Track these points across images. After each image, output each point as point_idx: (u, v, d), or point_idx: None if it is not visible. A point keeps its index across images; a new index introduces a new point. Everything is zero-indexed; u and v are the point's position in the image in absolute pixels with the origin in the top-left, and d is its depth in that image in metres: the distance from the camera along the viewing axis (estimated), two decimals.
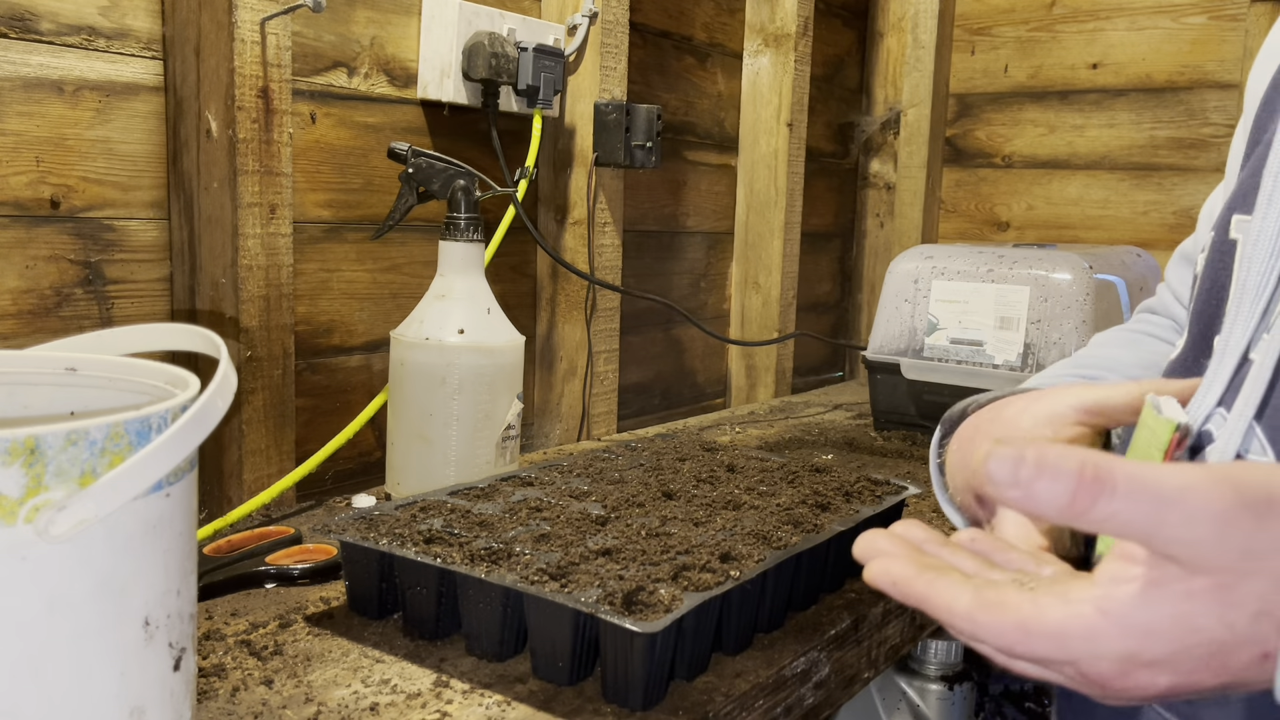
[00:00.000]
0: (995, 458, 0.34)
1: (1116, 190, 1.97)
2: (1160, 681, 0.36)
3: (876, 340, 1.53)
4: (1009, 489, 0.34)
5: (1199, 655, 0.35)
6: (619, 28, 1.44)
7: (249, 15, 0.99)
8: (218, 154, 1.00)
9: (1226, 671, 0.36)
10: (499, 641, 0.72)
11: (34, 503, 0.44)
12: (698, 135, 1.75)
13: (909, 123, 2.08)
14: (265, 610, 0.81)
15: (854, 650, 0.86)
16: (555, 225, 1.44)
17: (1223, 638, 0.35)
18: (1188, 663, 0.36)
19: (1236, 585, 0.34)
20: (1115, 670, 0.36)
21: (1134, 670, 0.36)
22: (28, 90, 0.92)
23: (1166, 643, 0.36)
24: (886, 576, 0.42)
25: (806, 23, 1.82)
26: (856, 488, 0.96)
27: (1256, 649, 0.35)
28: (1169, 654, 0.36)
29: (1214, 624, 0.35)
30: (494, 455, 1.08)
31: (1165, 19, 1.89)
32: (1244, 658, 0.35)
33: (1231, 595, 0.35)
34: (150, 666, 0.50)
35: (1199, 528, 0.34)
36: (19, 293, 0.93)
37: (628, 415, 1.64)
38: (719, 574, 0.72)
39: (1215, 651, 0.35)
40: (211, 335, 0.58)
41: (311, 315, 1.15)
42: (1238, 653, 0.35)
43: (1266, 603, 0.34)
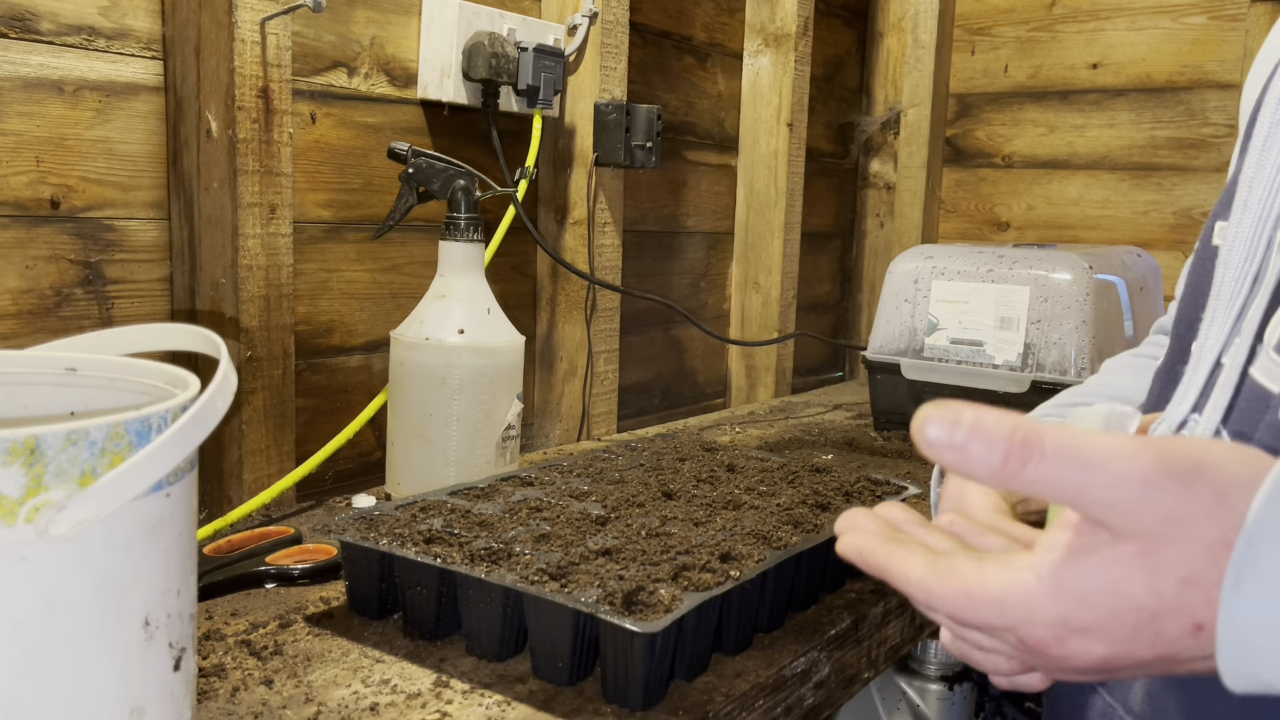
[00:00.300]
0: (932, 421, 0.35)
1: (1116, 190, 1.97)
2: (1096, 650, 0.37)
3: (876, 340, 1.53)
4: (945, 450, 0.35)
5: (1130, 623, 0.36)
6: (619, 28, 1.44)
7: (249, 15, 0.99)
8: (218, 154, 1.00)
9: (1161, 642, 0.36)
10: (499, 641, 0.72)
11: (34, 503, 0.44)
12: (698, 135, 1.75)
13: (909, 123, 2.08)
14: (265, 610, 0.81)
15: (854, 650, 0.86)
16: (555, 225, 1.44)
17: (1151, 605, 0.35)
18: (1119, 630, 0.36)
19: (1161, 550, 0.35)
20: (1050, 636, 0.37)
21: (1068, 636, 0.37)
22: (28, 90, 0.92)
23: (1096, 608, 0.36)
24: (854, 548, 0.43)
25: (806, 23, 1.82)
26: (856, 488, 0.96)
27: (1187, 619, 0.35)
28: (1100, 620, 0.36)
29: (1141, 590, 0.35)
30: (494, 455, 1.08)
31: (1165, 19, 1.89)
32: (1175, 628, 0.35)
33: (1157, 560, 0.35)
34: (150, 666, 0.50)
35: (1122, 489, 0.35)
36: (19, 293, 0.93)
37: (628, 415, 1.64)
38: (719, 574, 0.72)
39: (1146, 620, 0.36)
40: (211, 335, 0.58)
41: (311, 315, 1.15)
42: (1168, 622, 0.35)
43: (1192, 569, 0.35)
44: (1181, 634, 0.36)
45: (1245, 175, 0.50)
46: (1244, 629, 0.34)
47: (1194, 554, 0.35)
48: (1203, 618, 0.35)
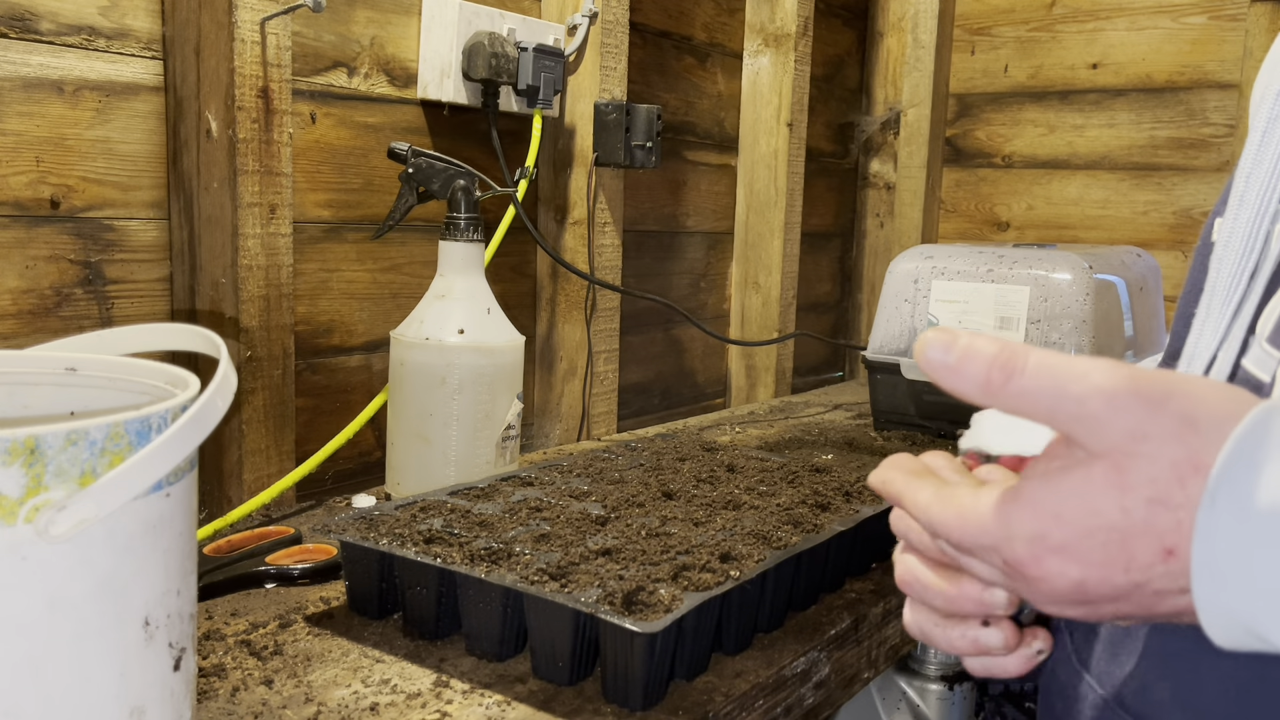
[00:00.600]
0: (931, 344, 0.39)
1: (1116, 190, 1.97)
2: (1070, 572, 0.37)
3: (876, 340, 1.53)
4: (940, 369, 0.39)
5: (1100, 542, 0.36)
6: (619, 28, 1.44)
7: (249, 15, 0.99)
8: (218, 154, 1.00)
9: (1135, 567, 0.36)
10: (499, 641, 0.72)
11: (34, 503, 0.44)
12: (698, 135, 1.75)
13: (909, 123, 2.08)
14: (265, 610, 0.81)
15: (854, 650, 0.86)
16: (555, 225, 1.44)
17: (1120, 524, 0.36)
18: (1092, 551, 0.37)
19: (1129, 467, 0.36)
20: (1028, 554, 0.38)
21: (1044, 555, 0.38)
22: (28, 90, 0.92)
23: (1069, 525, 0.37)
24: (879, 479, 0.47)
25: (806, 23, 1.82)
26: (856, 488, 0.96)
27: (1157, 542, 0.36)
28: (1072, 538, 0.37)
29: (1110, 507, 0.36)
30: (494, 455, 1.08)
31: (1165, 19, 1.89)
32: (1146, 552, 0.36)
33: (1125, 478, 0.36)
34: (150, 666, 0.50)
35: (1091, 404, 0.36)
36: (19, 293, 0.93)
37: (628, 415, 1.64)
38: (719, 574, 0.72)
39: (1116, 540, 0.36)
40: (211, 335, 0.58)
41: (311, 315, 1.15)
42: (1139, 544, 0.36)
43: (1159, 489, 0.35)
44: (1153, 559, 0.36)
45: (1242, 170, 0.49)
46: (1217, 552, 0.34)
47: (1160, 473, 0.35)
48: (1173, 542, 0.36)
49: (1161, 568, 0.36)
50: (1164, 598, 0.37)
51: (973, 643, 0.46)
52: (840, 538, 0.86)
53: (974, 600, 0.44)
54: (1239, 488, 0.34)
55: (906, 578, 0.47)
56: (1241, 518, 0.34)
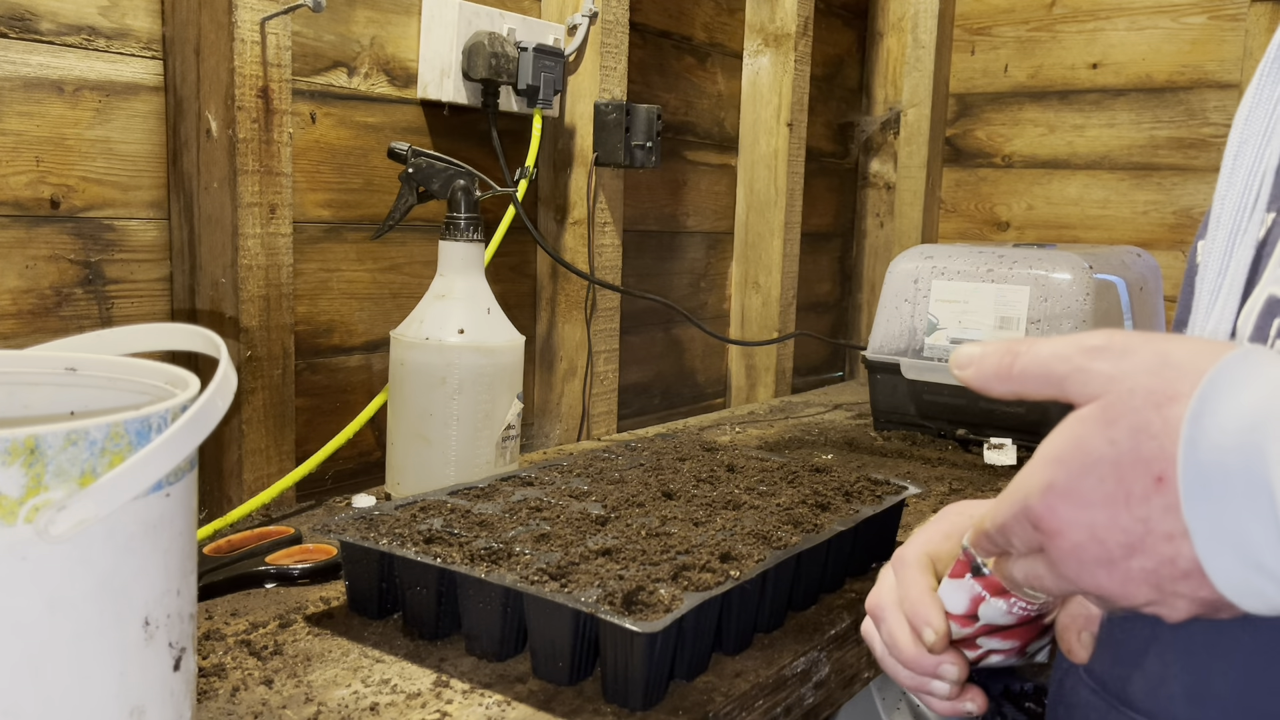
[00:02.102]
0: (960, 351, 0.45)
1: (1116, 190, 1.97)
2: (1081, 517, 0.40)
3: (876, 340, 1.53)
4: (966, 368, 0.45)
5: (1098, 478, 0.39)
6: (619, 28, 1.44)
7: (249, 15, 0.99)
8: (218, 154, 1.00)
9: (1133, 500, 0.38)
10: (499, 641, 0.72)
11: (34, 503, 0.44)
12: (698, 135, 1.75)
13: (909, 123, 2.08)
14: (265, 610, 0.81)
15: (854, 650, 0.86)
16: (555, 225, 1.44)
17: (1111, 454, 0.39)
18: (1092, 489, 0.40)
19: (1111, 403, 0.39)
20: (1044, 505, 0.41)
21: (1056, 503, 0.41)
22: (28, 90, 0.92)
23: (1069, 465, 0.40)
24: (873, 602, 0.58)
25: (806, 23, 1.82)
26: (856, 488, 0.96)
27: (1145, 469, 0.38)
28: (1075, 479, 0.40)
29: (1100, 441, 0.39)
30: (494, 455, 1.08)
31: (1165, 19, 1.89)
32: (1138, 480, 0.38)
33: (1109, 413, 0.39)
34: (150, 666, 0.50)
35: (1076, 359, 0.41)
36: (19, 293, 0.93)
37: (628, 415, 1.64)
38: (719, 574, 0.72)
39: (1111, 473, 0.39)
40: (211, 335, 0.58)
41: (311, 315, 1.15)
42: (1131, 474, 0.38)
43: (1140, 418, 0.38)
44: (1147, 489, 0.38)
45: (1219, 194, 0.51)
46: (1202, 467, 0.37)
47: (1140, 402, 0.39)
48: (1160, 468, 0.38)
49: (1158, 499, 0.38)
50: (1173, 543, 0.38)
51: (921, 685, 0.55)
52: (840, 538, 0.86)
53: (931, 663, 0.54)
54: (1219, 405, 0.37)
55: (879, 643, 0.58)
56: (1222, 432, 0.36)
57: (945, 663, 0.55)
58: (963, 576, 0.53)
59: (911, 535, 0.61)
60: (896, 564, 0.59)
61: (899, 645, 0.56)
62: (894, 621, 0.57)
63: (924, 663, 0.55)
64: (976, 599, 0.53)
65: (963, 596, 0.54)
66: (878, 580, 0.61)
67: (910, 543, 0.60)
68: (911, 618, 0.56)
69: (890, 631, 0.57)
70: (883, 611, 0.58)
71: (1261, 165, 0.49)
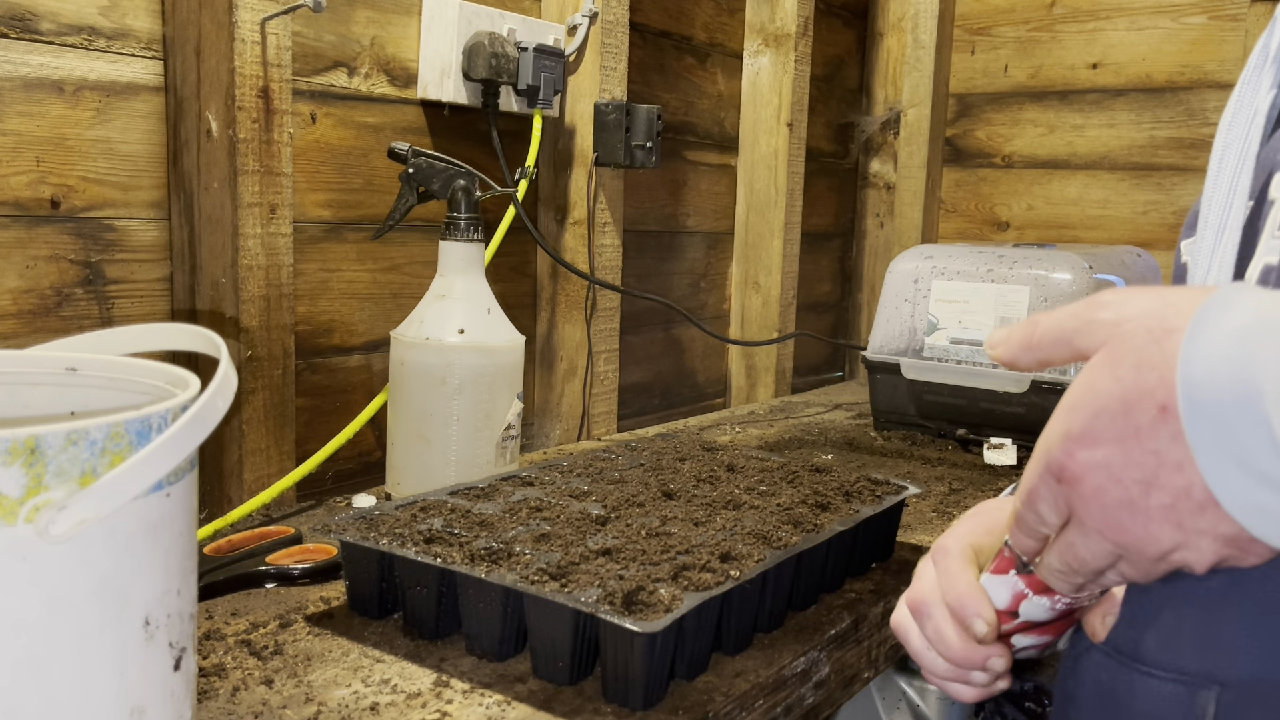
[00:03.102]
0: (992, 334, 0.48)
1: (1116, 190, 1.97)
2: (1096, 456, 0.42)
3: (876, 340, 1.53)
4: (997, 347, 0.48)
5: (1109, 416, 0.41)
6: (619, 28, 1.44)
7: (249, 15, 0.99)
8: (218, 154, 1.00)
9: (1143, 433, 0.40)
10: (499, 641, 0.72)
11: (34, 503, 0.44)
12: (698, 135, 1.75)
13: (909, 123, 2.08)
14: (265, 610, 0.81)
15: (854, 650, 0.86)
16: (555, 225, 1.44)
17: (1116, 391, 0.41)
18: (1104, 428, 0.41)
19: (1115, 346, 0.42)
20: (1064, 453, 0.43)
21: (1074, 449, 0.43)
22: (28, 90, 0.92)
23: (1082, 410, 0.42)
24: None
25: (806, 23, 1.82)
26: (856, 488, 0.96)
27: (1150, 400, 0.40)
28: (1088, 421, 0.42)
29: (1108, 382, 0.41)
30: (494, 455, 1.08)
31: (1165, 19, 1.89)
32: (1144, 413, 0.40)
33: (1113, 354, 0.42)
34: (150, 666, 0.50)
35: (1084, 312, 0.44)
36: (19, 293, 0.93)
37: (628, 415, 1.64)
38: (719, 574, 0.72)
39: (1119, 409, 0.41)
40: (212, 335, 0.58)
41: (311, 315, 1.15)
42: (1137, 408, 0.40)
43: (1142, 354, 0.40)
44: (1153, 419, 0.40)
45: (1205, 195, 0.53)
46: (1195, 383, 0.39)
47: (1140, 341, 0.41)
48: (1163, 397, 0.40)
49: (1164, 429, 0.40)
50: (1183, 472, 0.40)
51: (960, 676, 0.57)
52: (840, 538, 0.86)
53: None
54: (1210, 328, 0.39)
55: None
56: (1212, 348, 0.38)
57: (994, 655, 0.56)
58: (1006, 573, 0.54)
59: (950, 529, 0.61)
60: (938, 555, 0.59)
61: (947, 640, 0.56)
62: (940, 617, 0.57)
63: (973, 657, 0.55)
64: (1019, 596, 0.53)
65: (1005, 592, 0.54)
66: (916, 574, 0.60)
67: (950, 534, 0.59)
68: (959, 609, 0.56)
69: (937, 628, 0.57)
70: (928, 608, 0.58)
71: (1245, 165, 0.51)
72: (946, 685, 0.58)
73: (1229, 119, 0.53)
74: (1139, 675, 0.48)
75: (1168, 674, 0.47)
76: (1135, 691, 0.48)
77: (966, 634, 0.55)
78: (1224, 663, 0.45)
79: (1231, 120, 0.53)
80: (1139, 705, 0.48)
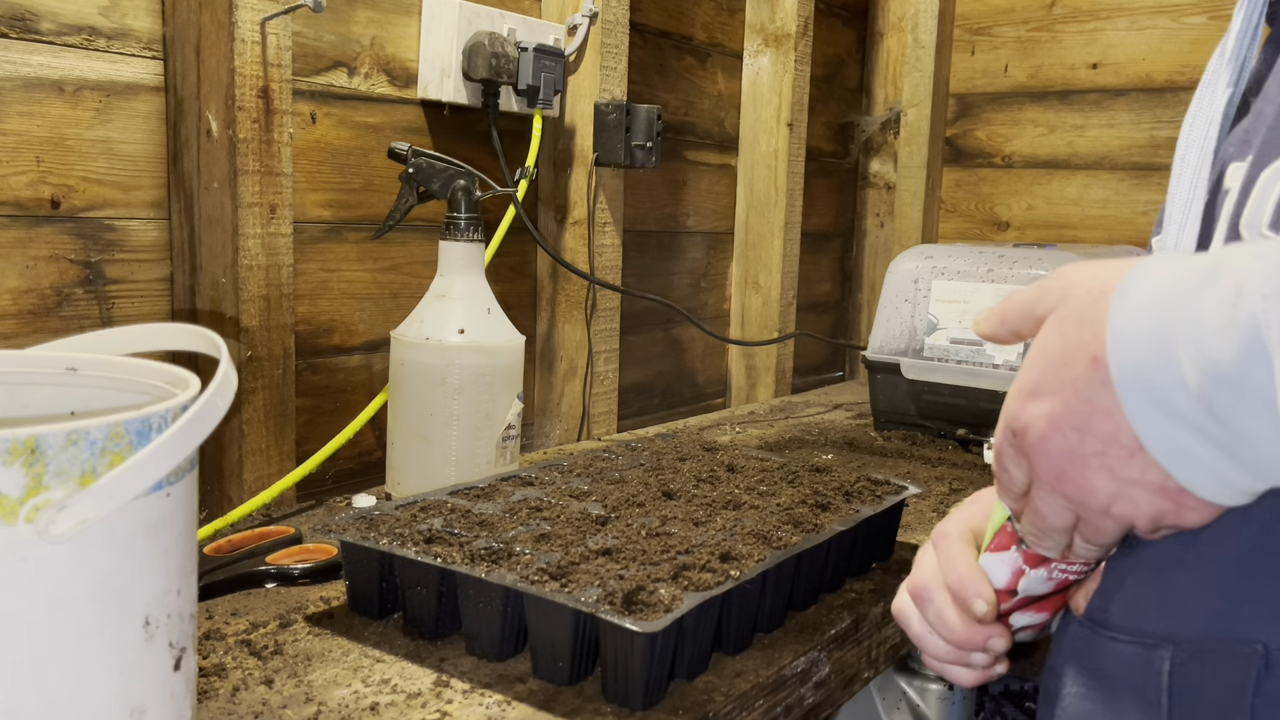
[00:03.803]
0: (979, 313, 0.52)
1: (1116, 190, 1.97)
2: (1041, 407, 0.45)
3: (876, 340, 1.53)
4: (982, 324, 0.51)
5: (1054, 370, 0.45)
6: (619, 28, 1.44)
7: (249, 15, 0.99)
8: (218, 154, 1.00)
9: (1078, 381, 0.43)
10: (499, 641, 0.72)
11: (34, 503, 0.44)
12: (698, 135, 1.75)
13: (909, 123, 2.08)
14: (265, 610, 0.81)
15: (854, 650, 0.86)
16: (555, 225, 1.44)
17: (1059, 345, 0.45)
18: (1048, 381, 0.45)
19: (1061, 307, 0.45)
20: (1017, 408, 0.47)
21: (1025, 402, 0.46)
22: (28, 90, 0.92)
23: (1032, 366, 0.46)
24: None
25: (806, 23, 1.82)
26: (856, 488, 0.96)
27: (1084, 352, 0.43)
28: (1036, 376, 0.46)
29: (1053, 337, 0.45)
30: (494, 455, 1.08)
31: (1165, 19, 1.89)
32: (1080, 364, 0.43)
33: (1060, 315, 0.45)
34: (150, 666, 0.50)
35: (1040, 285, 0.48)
36: (19, 293, 0.93)
37: (628, 415, 1.64)
38: (719, 574, 0.72)
39: (1059, 362, 0.44)
40: (212, 335, 0.58)
41: (311, 315, 1.15)
42: (1074, 359, 0.44)
43: (1082, 312, 0.44)
44: (1086, 369, 0.43)
45: (1169, 193, 0.55)
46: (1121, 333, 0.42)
47: (1082, 302, 0.44)
48: (1095, 350, 0.43)
49: (1095, 377, 0.43)
50: (1112, 418, 0.43)
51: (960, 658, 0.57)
52: (840, 538, 0.86)
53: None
54: (1138, 283, 0.42)
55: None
56: (1136, 299, 0.42)
57: (994, 636, 0.57)
58: (1007, 549, 0.54)
59: (949, 514, 0.62)
60: (938, 538, 0.60)
61: (948, 623, 0.57)
62: (941, 600, 0.58)
63: (975, 638, 0.56)
64: (1018, 573, 0.55)
65: (1005, 570, 0.55)
66: (916, 561, 0.61)
67: (950, 520, 0.61)
68: (959, 590, 0.57)
69: (939, 611, 0.58)
70: (928, 591, 0.58)
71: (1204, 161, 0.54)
72: (946, 669, 0.59)
73: (1190, 119, 0.55)
74: (1106, 640, 0.50)
75: (1130, 638, 0.49)
76: (1102, 656, 0.50)
77: (967, 615, 0.56)
78: (1177, 623, 0.47)
79: (1193, 120, 0.55)
80: (1105, 669, 0.50)
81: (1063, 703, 0.52)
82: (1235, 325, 0.38)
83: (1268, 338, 0.37)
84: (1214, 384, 0.39)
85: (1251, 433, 0.39)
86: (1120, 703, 0.48)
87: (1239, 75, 0.55)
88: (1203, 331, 0.39)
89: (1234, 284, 0.38)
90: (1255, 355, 0.37)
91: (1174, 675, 0.46)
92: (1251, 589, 0.45)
